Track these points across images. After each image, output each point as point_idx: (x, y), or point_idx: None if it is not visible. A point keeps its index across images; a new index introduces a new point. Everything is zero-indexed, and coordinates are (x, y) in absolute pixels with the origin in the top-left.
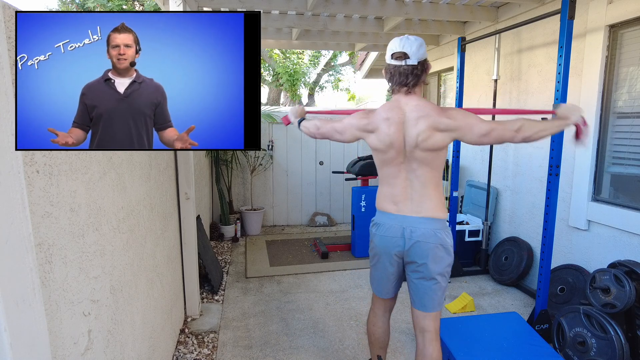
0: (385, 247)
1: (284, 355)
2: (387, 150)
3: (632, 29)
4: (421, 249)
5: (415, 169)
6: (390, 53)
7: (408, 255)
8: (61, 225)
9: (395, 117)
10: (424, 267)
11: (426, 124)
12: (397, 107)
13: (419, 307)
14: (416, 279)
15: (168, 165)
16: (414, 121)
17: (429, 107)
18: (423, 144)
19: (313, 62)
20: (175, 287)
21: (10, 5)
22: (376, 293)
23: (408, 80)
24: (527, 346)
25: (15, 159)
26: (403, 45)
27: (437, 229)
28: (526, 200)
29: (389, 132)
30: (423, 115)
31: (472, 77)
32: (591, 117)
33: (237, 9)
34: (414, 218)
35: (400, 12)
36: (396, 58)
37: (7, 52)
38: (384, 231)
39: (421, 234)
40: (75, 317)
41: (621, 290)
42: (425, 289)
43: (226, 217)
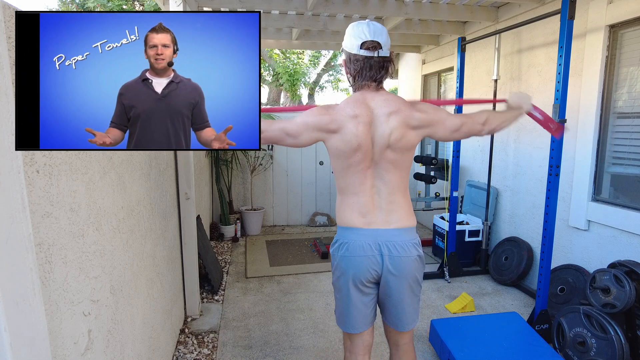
0: (357, 270)
1: (284, 355)
2: (352, 154)
3: (632, 29)
4: (401, 264)
5: (383, 174)
6: (360, 42)
7: (387, 274)
8: (61, 225)
9: (364, 115)
10: (404, 284)
11: (398, 121)
12: (364, 103)
13: (397, 326)
14: (394, 298)
15: (168, 165)
16: (385, 117)
17: (399, 101)
18: (397, 144)
19: (313, 62)
20: (175, 287)
21: (11, 5)
22: (350, 330)
23: (380, 74)
24: (527, 346)
25: (15, 159)
26: (374, 33)
27: (412, 239)
28: (526, 200)
29: (357, 132)
30: (394, 110)
31: (472, 77)
32: (591, 117)
33: (237, 9)
34: (387, 231)
35: (400, 12)
36: (367, 48)
37: (7, 52)
38: (354, 251)
39: (400, 247)
40: (75, 317)
41: (621, 290)
42: (404, 307)
43: (226, 217)
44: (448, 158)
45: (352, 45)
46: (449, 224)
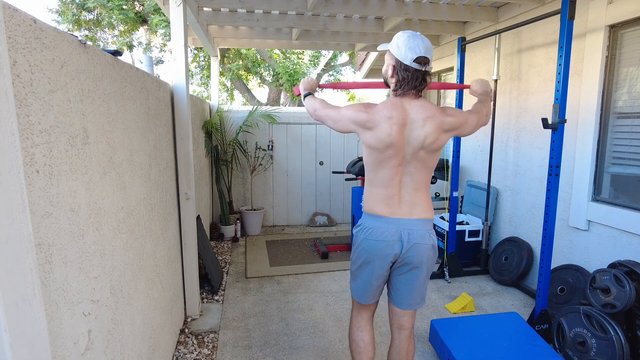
0: (379, 252)
1: (284, 355)
2: (384, 150)
3: (632, 29)
4: (418, 250)
5: (413, 172)
6: (415, 56)
7: (404, 258)
8: (61, 225)
9: (399, 117)
10: (418, 268)
11: (434, 126)
12: (401, 107)
13: (405, 306)
14: (406, 280)
15: (168, 165)
16: (421, 122)
17: (434, 108)
18: (430, 146)
19: (313, 62)
20: (175, 287)
21: (10, 5)
22: (361, 301)
23: (422, 85)
24: (527, 346)
25: (15, 159)
26: (426, 50)
27: (429, 229)
28: (526, 200)
29: (391, 131)
30: (430, 116)
31: (472, 77)
32: (591, 117)
33: (237, 9)
34: (408, 220)
35: (400, 12)
36: (419, 62)
37: (7, 52)
38: (378, 236)
39: (418, 235)
40: (75, 317)
41: (621, 291)
42: (415, 289)
43: (226, 217)
44: (448, 158)
45: (406, 57)
46: (449, 224)
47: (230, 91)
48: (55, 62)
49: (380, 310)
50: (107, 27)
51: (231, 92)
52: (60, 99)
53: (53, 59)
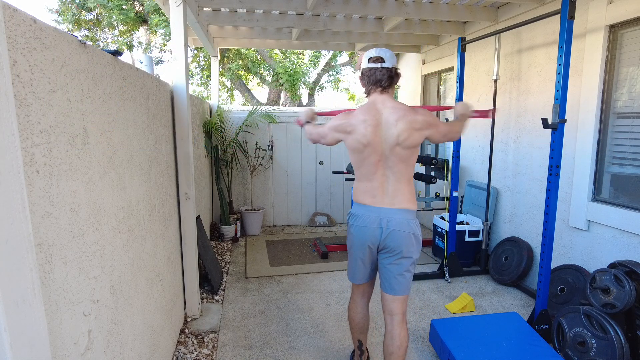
0: (363, 236)
1: (284, 355)
2: (363, 149)
3: (632, 29)
4: (396, 237)
5: (392, 166)
6: (368, 58)
7: (383, 243)
8: (61, 225)
9: (372, 119)
10: (396, 254)
11: (405, 124)
12: (374, 109)
13: (389, 290)
14: (388, 265)
15: (168, 165)
16: (394, 122)
17: (404, 108)
18: (404, 142)
19: (313, 62)
20: (175, 287)
21: (10, 5)
22: (351, 280)
23: (383, 80)
24: (527, 346)
25: (15, 159)
26: (378, 52)
27: (409, 218)
28: (526, 200)
29: (366, 132)
30: (401, 116)
31: (472, 77)
32: (591, 117)
33: (237, 9)
34: (389, 209)
35: (400, 12)
36: (373, 61)
37: (7, 52)
38: (362, 222)
39: (396, 223)
40: (75, 317)
41: (621, 291)
42: (395, 274)
43: (226, 217)
44: (448, 158)
45: (364, 62)
46: (449, 224)
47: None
48: (55, 62)
49: (380, 310)
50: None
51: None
52: (60, 99)
53: (53, 59)
